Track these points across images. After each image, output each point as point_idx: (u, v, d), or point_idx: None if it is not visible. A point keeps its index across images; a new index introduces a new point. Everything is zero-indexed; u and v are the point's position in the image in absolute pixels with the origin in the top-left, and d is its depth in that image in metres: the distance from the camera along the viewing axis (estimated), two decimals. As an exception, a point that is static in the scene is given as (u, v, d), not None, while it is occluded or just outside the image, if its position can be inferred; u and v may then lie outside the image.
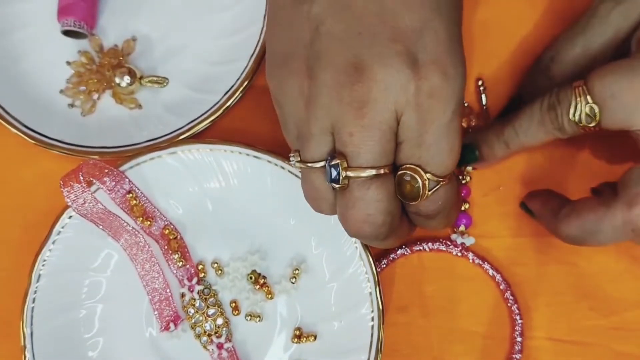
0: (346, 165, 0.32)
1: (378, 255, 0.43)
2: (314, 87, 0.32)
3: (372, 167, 0.32)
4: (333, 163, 0.32)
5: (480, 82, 0.44)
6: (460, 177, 0.43)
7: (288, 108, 0.34)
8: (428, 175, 0.33)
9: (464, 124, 0.44)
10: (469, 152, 0.39)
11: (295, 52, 0.33)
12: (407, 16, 0.31)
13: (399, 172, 0.33)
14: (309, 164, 0.33)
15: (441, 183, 0.33)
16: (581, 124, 0.34)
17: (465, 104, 0.44)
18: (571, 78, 0.37)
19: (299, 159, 0.34)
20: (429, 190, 0.33)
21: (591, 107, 0.34)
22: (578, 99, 0.34)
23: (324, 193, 0.34)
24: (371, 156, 0.32)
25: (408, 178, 0.33)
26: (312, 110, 0.32)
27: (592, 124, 0.34)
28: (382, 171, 0.32)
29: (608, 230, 0.34)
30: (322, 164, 0.33)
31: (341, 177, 0.32)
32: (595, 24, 0.38)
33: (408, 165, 0.33)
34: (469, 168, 0.43)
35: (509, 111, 0.40)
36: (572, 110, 0.34)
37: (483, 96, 0.44)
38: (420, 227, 0.38)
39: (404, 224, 0.36)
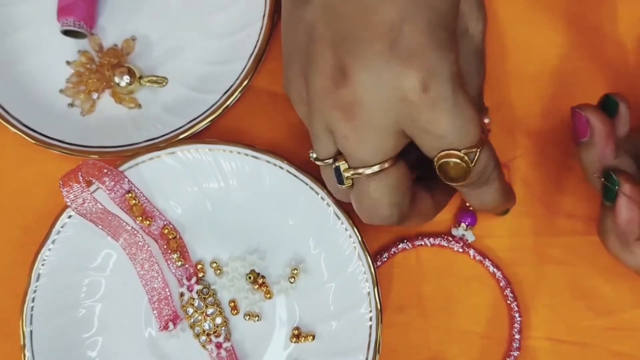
0: (347, 167, 0.34)
1: (379, 249, 0.43)
2: (309, 92, 0.33)
3: (370, 166, 0.33)
4: (335, 166, 0.34)
5: None
6: None
7: (297, 109, 0.36)
8: (463, 151, 0.32)
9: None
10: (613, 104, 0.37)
11: (295, 56, 0.34)
12: (384, 10, 0.31)
13: (437, 163, 0.33)
14: (321, 162, 0.35)
15: (478, 151, 0.33)
16: None
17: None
18: None
19: (315, 155, 0.36)
20: (472, 162, 0.33)
21: None
22: None
23: (338, 186, 0.36)
24: (367, 156, 0.33)
25: (448, 164, 0.33)
26: (310, 114, 0.34)
27: None
28: (385, 165, 0.33)
29: None
30: (331, 161, 0.35)
31: (344, 178, 0.34)
32: None
33: (441, 154, 0.32)
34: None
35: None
36: None
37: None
38: (479, 207, 0.38)
39: (426, 204, 0.37)
